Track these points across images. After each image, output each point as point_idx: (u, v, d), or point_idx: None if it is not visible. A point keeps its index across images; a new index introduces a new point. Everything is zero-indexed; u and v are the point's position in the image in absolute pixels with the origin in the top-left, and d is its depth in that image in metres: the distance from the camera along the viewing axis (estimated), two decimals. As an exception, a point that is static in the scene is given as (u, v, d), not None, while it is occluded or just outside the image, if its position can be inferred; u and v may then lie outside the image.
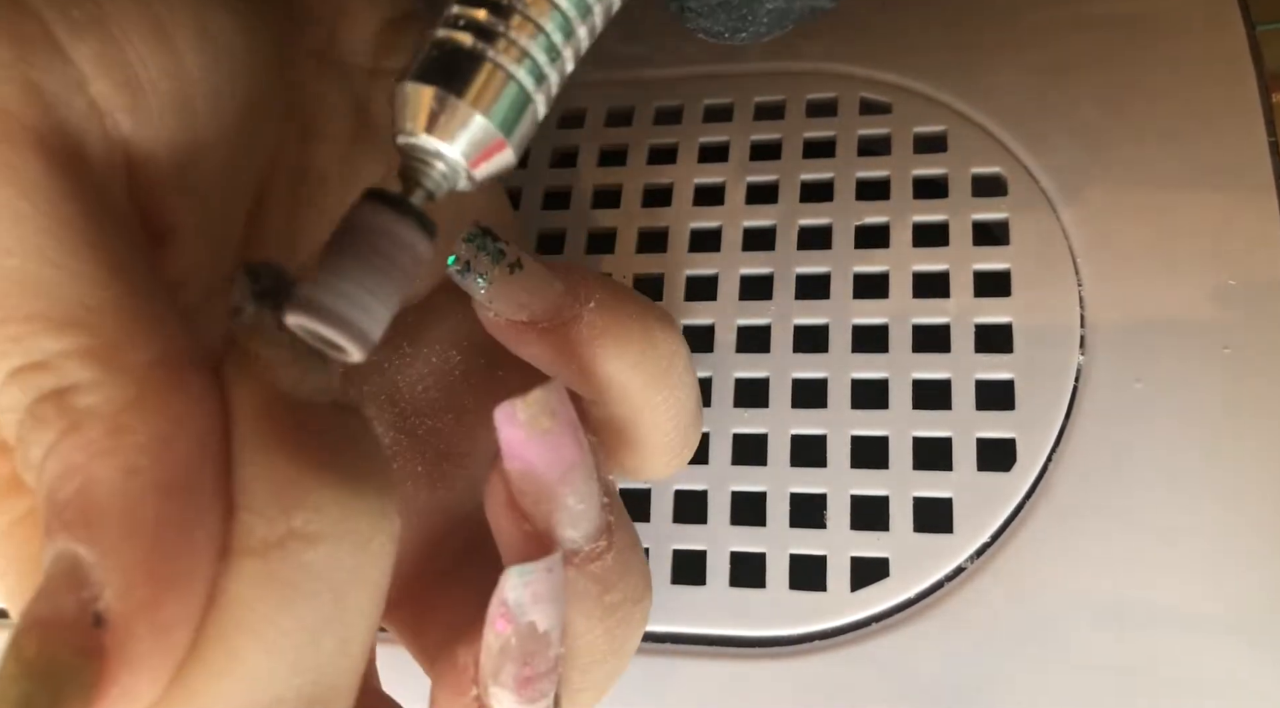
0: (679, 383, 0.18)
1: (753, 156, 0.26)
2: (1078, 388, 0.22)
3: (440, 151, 0.13)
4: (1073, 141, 0.25)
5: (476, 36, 0.13)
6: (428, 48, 0.13)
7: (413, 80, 0.13)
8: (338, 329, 0.13)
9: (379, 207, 0.13)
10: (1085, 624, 0.21)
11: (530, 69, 0.13)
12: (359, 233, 0.13)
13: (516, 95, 0.13)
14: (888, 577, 0.21)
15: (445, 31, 0.13)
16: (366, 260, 0.13)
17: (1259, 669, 0.20)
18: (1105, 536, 0.21)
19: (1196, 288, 0.23)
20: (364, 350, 0.13)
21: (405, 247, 0.13)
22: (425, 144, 0.13)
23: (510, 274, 0.16)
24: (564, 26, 0.13)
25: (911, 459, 0.22)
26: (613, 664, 0.17)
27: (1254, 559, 0.20)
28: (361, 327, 0.13)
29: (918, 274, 0.24)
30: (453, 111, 0.13)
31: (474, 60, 0.13)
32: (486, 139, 0.13)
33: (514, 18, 0.13)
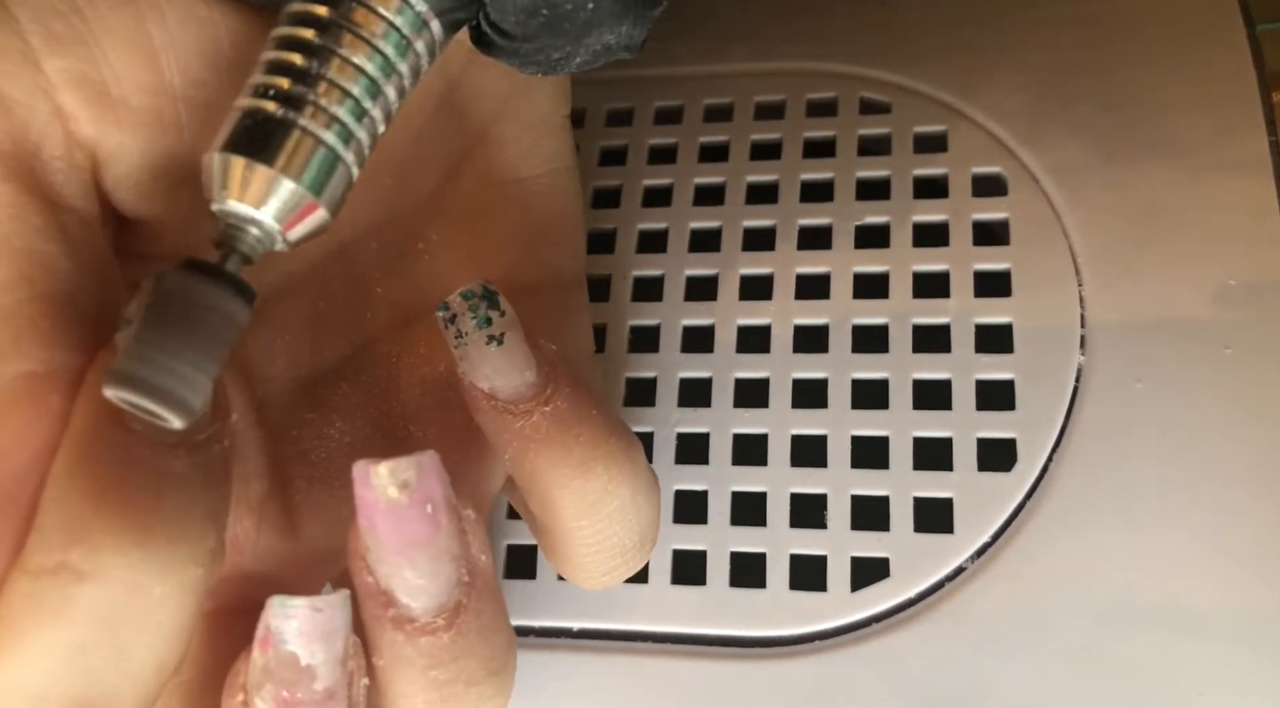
0: (607, 520, 0.17)
1: (753, 156, 0.26)
2: (1078, 388, 0.22)
3: (254, 217, 0.14)
4: (1073, 141, 0.25)
5: (283, 104, 0.13)
6: (236, 117, 0.14)
7: (222, 151, 0.13)
8: (153, 399, 0.13)
9: (192, 274, 0.13)
10: (1086, 624, 0.20)
11: (338, 132, 0.14)
12: (173, 301, 0.13)
13: (325, 158, 0.14)
14: (888, 577, 0.21)
15: (252, 101, 0.14)
16: (180, 329, 0.13)
17: (1259, 669, 0.20)
18: (1106, 536, 0.21)
19: (1197, 288, 0.23)
20: (184, 419, 0.13)
21: (220, 313, 0.13)
22: (239, 211, 0.14)
23: (486, 345, 0.16)
24: (370, 89, 0.14)
25: (912, 459, 0.22)
26: None
27: (1255, 559, 0.20)
28: (179, 395, 0.13)
29: (918, 274, 0.24)
30: (263, 179, 0.13)
31: (282, 128, 0.13)
32: (298, 202, 0.14)
33: (320, 84, 0.14)
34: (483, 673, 0.16)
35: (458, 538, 0.15)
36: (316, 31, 0.14)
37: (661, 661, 0.22)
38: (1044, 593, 0.21)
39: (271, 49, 0.14)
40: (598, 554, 0.18)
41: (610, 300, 0.25)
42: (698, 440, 0.23)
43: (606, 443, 0.17)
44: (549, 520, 0.18)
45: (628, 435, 0.18)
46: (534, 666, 0.22)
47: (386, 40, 0.14)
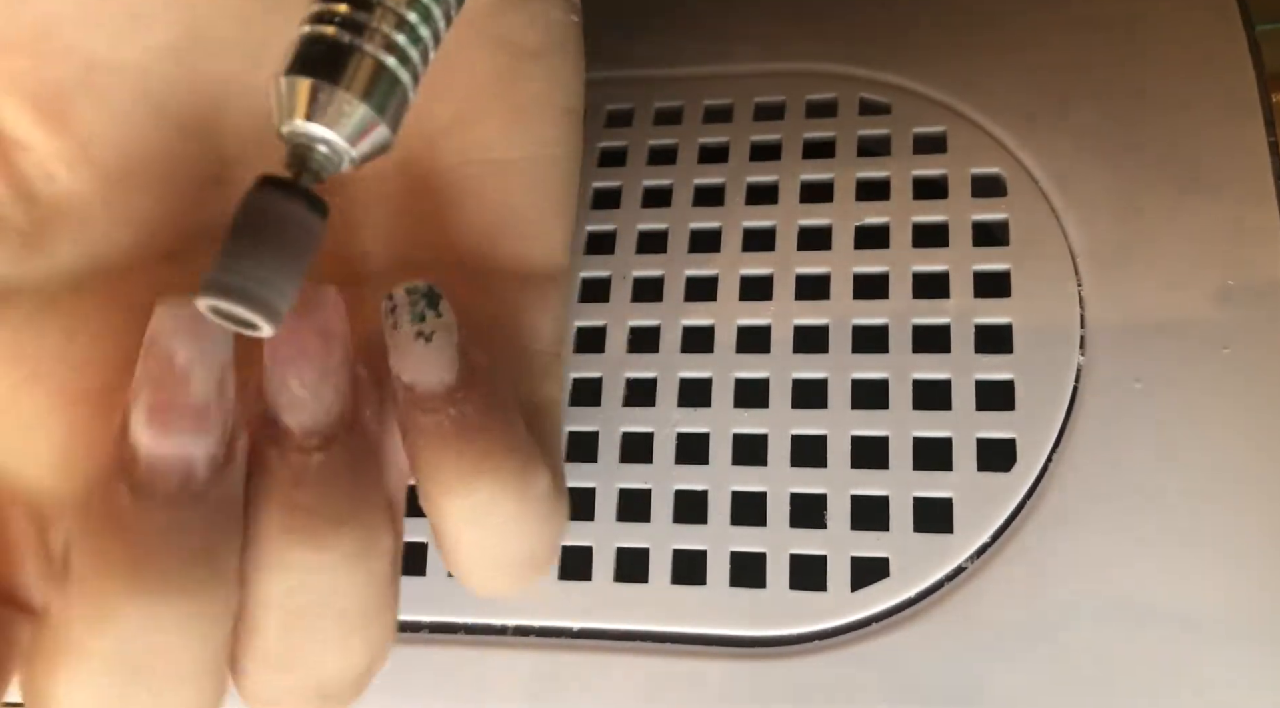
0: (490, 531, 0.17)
1: (753, 157, 0.26)
2: (1078, 388, 0.22)
3: (322, 136, 0.14)
4: (1072, 142, 0.25)
5: (344, 29, 0.14)
6: (300, 42, 0.15)
7: (289, 74, 0.14)
8: (246, 305, 0.13)
9: (270, 190, 0.14)
10: (1085, 624, 0.20)
11: (397, 54, 0.15)
12: (253, 217, 0.14)
13: (387, 79, 0.15)
14: (888, 577, 0.21)
15: (315, 27, 0.15)
16: (263, 241, 0.14)
17: (1259, 669, 0.20)
18: (1105, 535, 0.21)
19: (1197, 288, 0.23)
20: (274, 325, 0.14)
21: (298, 225, 0.14)
22: (308, 130, 0.14)
23: (414, 339, 0.17)
24: (423, 12, 0.15)
25: (911, 459, 0.22)
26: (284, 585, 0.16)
27: (1255, 559, 0.20)
28: (269, 301, 0.14)
29: (917, 275, 0.24)
30: (330, 99, 0.14)
31: (346, 51, 0.14)
32: (363, 121, 0.15)
33: (377, 10, 0.15)
34: (348, 512, 0.16)
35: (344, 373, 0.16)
36: None
37: (661, 661, 0.22)
38: (1044, 593, 0.21)
39: None
40: (479, 565, 0.18)
41: (610, 300, 0.25)
42: (698, 440, 0.23)
43: (501, 458, 0.17)
44: (432, 517, 0.17)
45: (530, 457, 0.17)
46: (534, 666, 0.22)
47: None
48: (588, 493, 0.23)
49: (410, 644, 0.23)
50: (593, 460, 0.23)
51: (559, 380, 0.20)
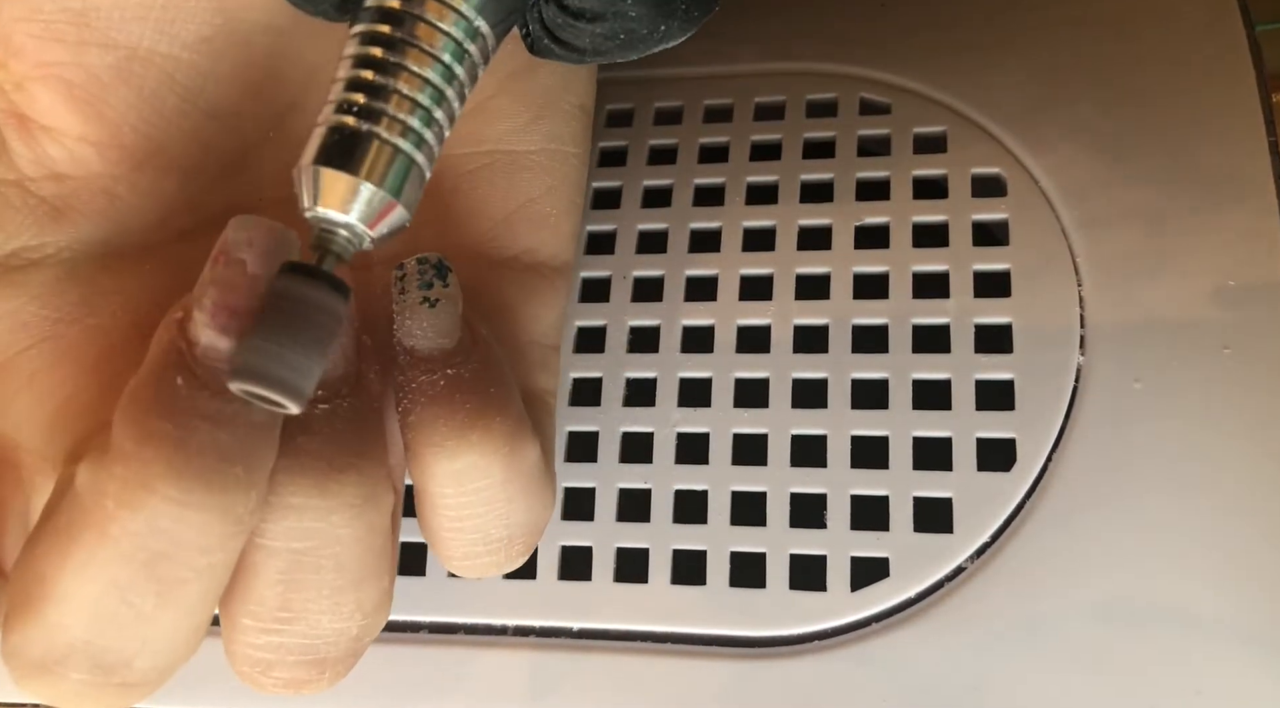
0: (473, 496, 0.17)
1: (753, 157, 0.26)
2: (1078, 388, 0.22)
3: (344, 221, 0.15)
4: (1072, 142, 0.25)
5: (362, 118, 0.15)
6: (323, 132, 0.15)
7: (313, 163, 0.15)
8: (275, 390, 0.14)
9: (295, 276, 0.15)
10: (1085, 624, 0.20)
11: (412, 139, 0.15)
12: (279, 302, 0.15)
13: (403, 164, 0.15)
14: (888, 577, 0.21)
15: (335, 117, 0.15)
16: (289, 325, 0.15)
17: (1259, 670, 0.20)
18: (1105, 535, 0.21)
19: (1196, 288, 0.23)
20: (300, 404, 0.15)
21: (324, 309, 0.15)
22: (331, 216, 0.15)
23: (420, 304, 0.18)
24: (435, 97, 0.16)
25: (911, 459, 0.22)
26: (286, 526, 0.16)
27: (1254, 559, 0.20)
28: (296, 385, 0.14)
29: (917, 274, 0.24)
30: (349, 187, 0.15)
31: (364, 140, 0.15)
32: (380, 205, 0.15)
33: (393, 98, 0.15)
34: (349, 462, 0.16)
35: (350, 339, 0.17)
36: (384, 49, 0.15)
37: (661, 661, 0.22)
38: (1043, 593, 0.21)
39: (347, 67, 0.16)
40: (459, 534, 0.18)
41: (610, 300, 0.25)
42: (698, 440, 0.23)
43: (493, 421, 0.17)
44: (419, 481, 0.18)
45: (521, 426, 0.18)
46: (534, 666, 0.22)
47: (445, 50, 0.16)
48: (588, 493, 0.23)
49: (410, 644, 0.23)
50: (593, 460, 0.23)
51: (555, 374, 0.21)
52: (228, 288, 0.15)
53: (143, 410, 0.14)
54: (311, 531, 0.16)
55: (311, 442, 0.16)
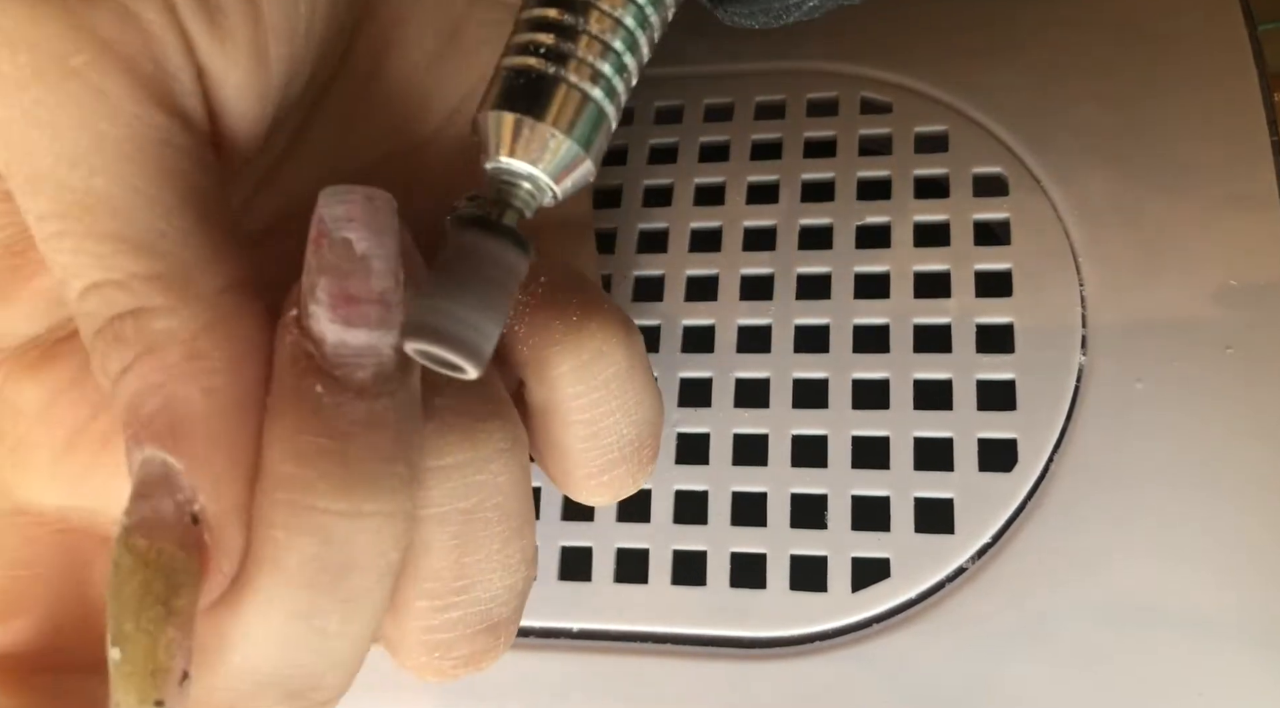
0: (604, 389, 0.17)
1: (753, 156, 0.26)
2: (1079, 388, 0.22)
3: (527, 173, 0.14)
4: (1074, 141, 0.25)
5: (549, 61, 0.14)
6: (505, 75, 0.14)
7: (496, 108, 0.14)
8: (452, 349, 0.13)
9: (475, 230, 0.14)
10: (1086, 625, 0.20)
11: (603, 86, 0.14)
12: (460, 257, 0.14)
13: (593, 112, 0.14)
14: (889, 577, 0.21)
15: (519, 58, 0.14)
16: (469, 282, 0.14)
17: (1260, 669, 0.20)
18: (1107, 536, 0.21)
19: (1199, 288, 0.23)
20: (479, 367, 0.14)
21: (503, 265, 0.14)
22: (513, 167, 0.14)
23: None
24: (628, 41, 0.14)
25: (912, 460, 0.22)
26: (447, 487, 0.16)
27: (1256, 560, 0.20)
28: (474, 345, 0.13)
29: (919, 274, 0.24)
30: (536, 134, 0.14)
31: (551, 84, 0.14)
32: (569, 157, 0.14)
33: (583, 39, 0.14)
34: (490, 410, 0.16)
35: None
36: None
37: (661, 661, 0.22)
38: (1045, 593, 0.21)
39: (533, 5, 0.14)
40: (595, 440, 0.18)
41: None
42: (698, 440, 0.23)
43: (602, 308, 0.17)
44: (545, 394, 0.17)
45: (628, 318, 0.18)
46: (534, 666, 0.22)
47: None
48: (588, 493, 0.23)
49: (410, 645, 0.23)
50: (593, 461, 0.23)
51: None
52: (340, 274, 0.14)
53: (291, 428, 0.14)
54: (474, 485, 0.16)
55: (448, 400, 0.15)
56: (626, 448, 0.18)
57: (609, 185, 0.26)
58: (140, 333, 0.14)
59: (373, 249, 0.14)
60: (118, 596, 0.13)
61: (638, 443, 0.18)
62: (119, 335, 0.14)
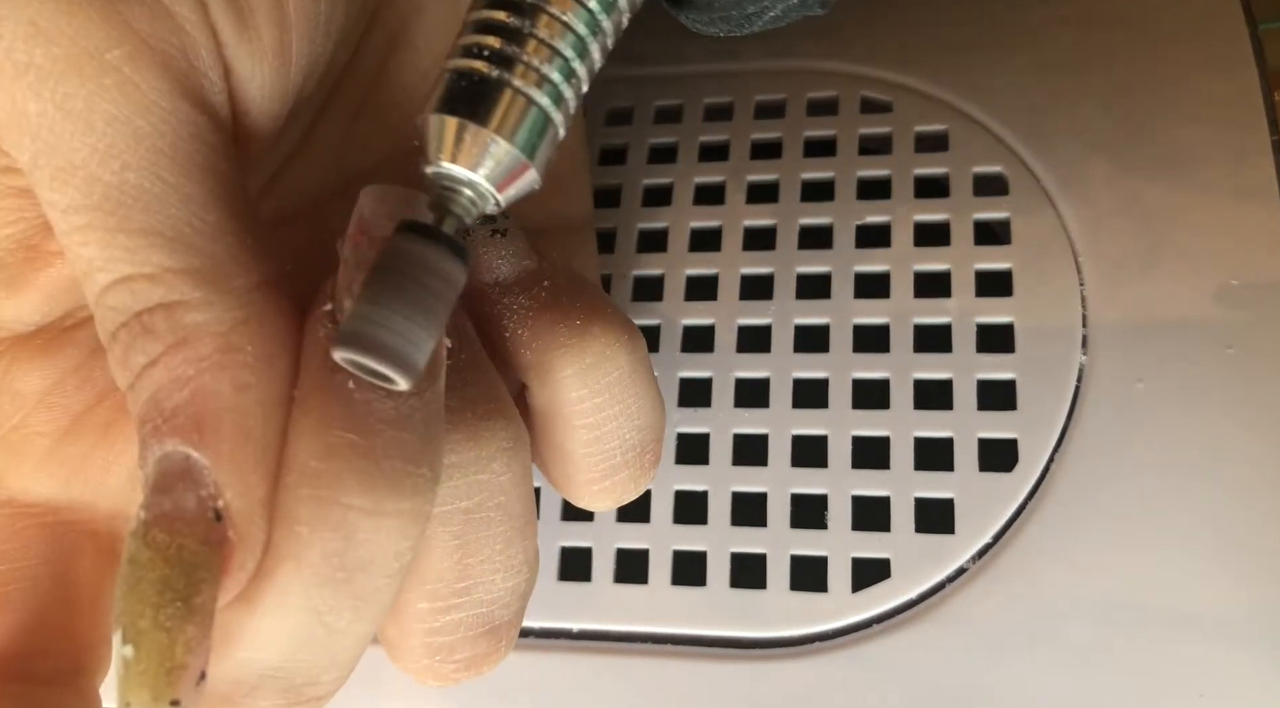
0: (607, 394, 0.17)
1: (753, 156, 0.26)
2: (1080, 388, 0.22)
3: (467, 179, 0.14)
4: (1074, 140, 0.25)
5: (494, 64, 0.13)
6: (449, 77, 0.14)
7: (436, 112, 0.13)
8: (382, 361, 0.13)
9: (413, 237, 0.13)
10: (1087, 625, 0.20)
11: (549, 92, 0.14)
12: (392, 264, 0.13)
13: (537, 119, 0.14)
14: (889, 578, 0.21)
15: (464, 61, 0.14)
16: (402, 290, 0.13)
17: (1260, 670, 0.20)
18: (1107, 536, 0.21)
19: (1199, 288, 0.23)
20: (410, 379, 0.13)
21: (440, 274, 0.13)
22: (453, 172, 0.14)
23: (490, 237, 0.17)
24: (578, 47, 0.14)
25: (913, 460, 0.22)
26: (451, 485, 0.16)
27: (1256, 559, 0.20)
28: (406, 356, 0.13)
29: (919, 274, 0.24)
30: (477, 140, 0.13)
31: (494, 88, 0.13)
32: (511, 164, 0.14)
33: (530, 43, 0.13)
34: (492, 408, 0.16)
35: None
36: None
37: (661, 662, 0.22)
38: (1045, 594, 0.21)
39: (480, 7, 0.14)
40: (598, 444, 0.18)
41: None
42: (698, 440, 0.23)
43: (605, 312, 0.17)
44: (548, 398, 0.17)
45: (630, 322, 0.18)
46: (534, 666, 0.22)
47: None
48: (587, 493, 0.23)
49: (409, 645, 0.23)
50: (592, 461, 0.23)
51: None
52: None
53: (321, 423, 0.14)
54: (476, 483, 0.16)
55: (450, 399, 0.15)
56: (629, 453, 0.18)
57: (609, 185, 0.26)
58: (172, 326, 0.13)
59: None
60: (133, 591, 0.13)
61: (640, 448, 0.18)
62: (148, 328, 0.13)
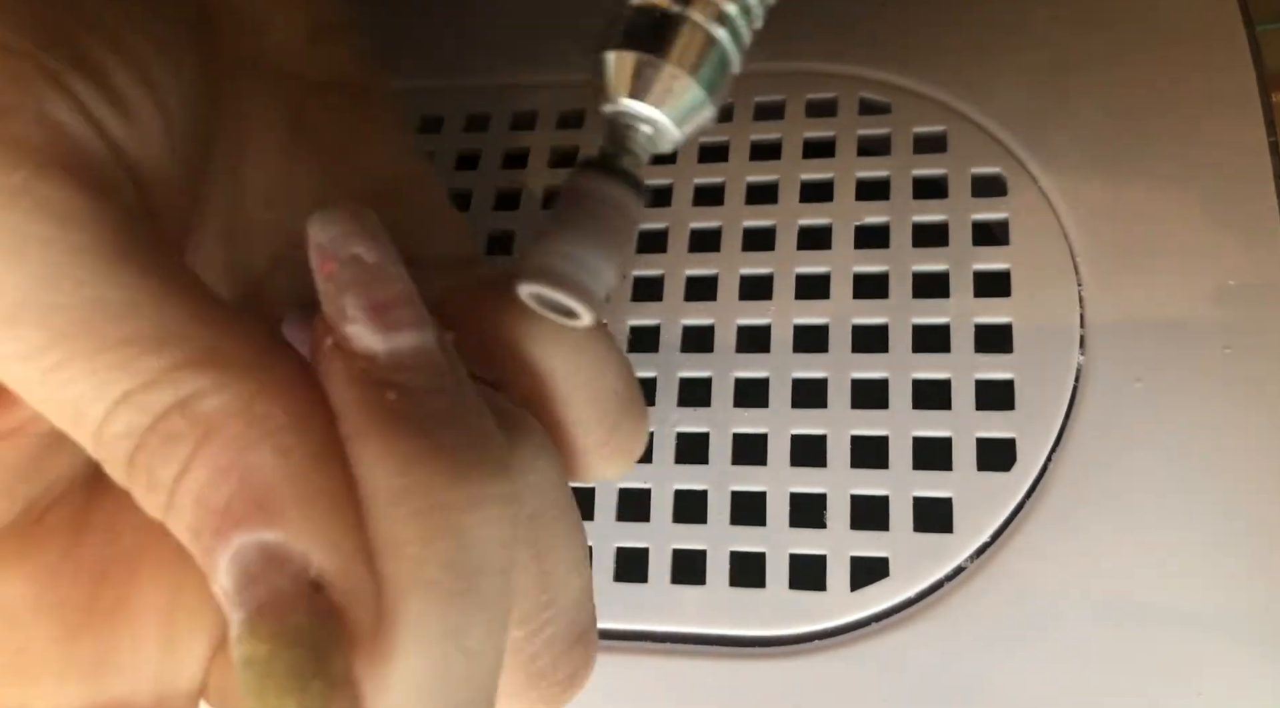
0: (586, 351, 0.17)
1: (752, 157, 0.26)
2: (1078, 388, 0.22)
3: (648, 115, 0.13)
4: (1072, 141, 0.25)
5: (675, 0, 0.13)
6: (628, 13, 0.13)
7: (617, 47, 0.13)
8: (569, 292, 0.13)
9: (593, 173, 0.13)
10: (1085, 623, 0.20)
11: (729, 27, 0.14)
12: (576, 200, 0.13)
13: (717, 54, 0.14)
14: (887, 576, 0.21)
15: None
16: (585, 226, 0.13)
17: (1259, 669, 0.20)
18: (1105, 535, 0.21)
19: (1197, 288, 0.23)
20: (593, 312, 0.13)
21: (620, 210, 0.13)
22: (633, 109, 0.13)
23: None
24: None
25: (911, 459, 0.22)
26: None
27: (1254, 558, 0.20)
28: (588, 287, 0.13)
29: (917, 274, 0.24)
30: (658, 75, 0.13)
31: (675, 23, 0.13)
32: (692, 99, 0.13)
33: None
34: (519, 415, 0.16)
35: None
36: None
37: (661, 661, 0.22)
38: (1043, 592, 0.21)
39: None
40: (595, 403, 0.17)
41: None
42: (698, 440, 0.23)
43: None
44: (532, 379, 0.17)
45: None
46: (534, 665, 0.22)
47: None
48: (588, 493, 0.23)
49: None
50: (593, 460, 0.23)
51: None
52: (363, 287, 0.14)
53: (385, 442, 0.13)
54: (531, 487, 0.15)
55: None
56: (624, 400, 0.18)
57: (609, 186, 0.26)
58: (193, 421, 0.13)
59: (380, 256, 0.14)
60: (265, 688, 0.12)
61: (629, 395, 0.18)
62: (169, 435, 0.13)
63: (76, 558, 0.15)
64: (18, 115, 0.13)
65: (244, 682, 0.12)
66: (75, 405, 0.13)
